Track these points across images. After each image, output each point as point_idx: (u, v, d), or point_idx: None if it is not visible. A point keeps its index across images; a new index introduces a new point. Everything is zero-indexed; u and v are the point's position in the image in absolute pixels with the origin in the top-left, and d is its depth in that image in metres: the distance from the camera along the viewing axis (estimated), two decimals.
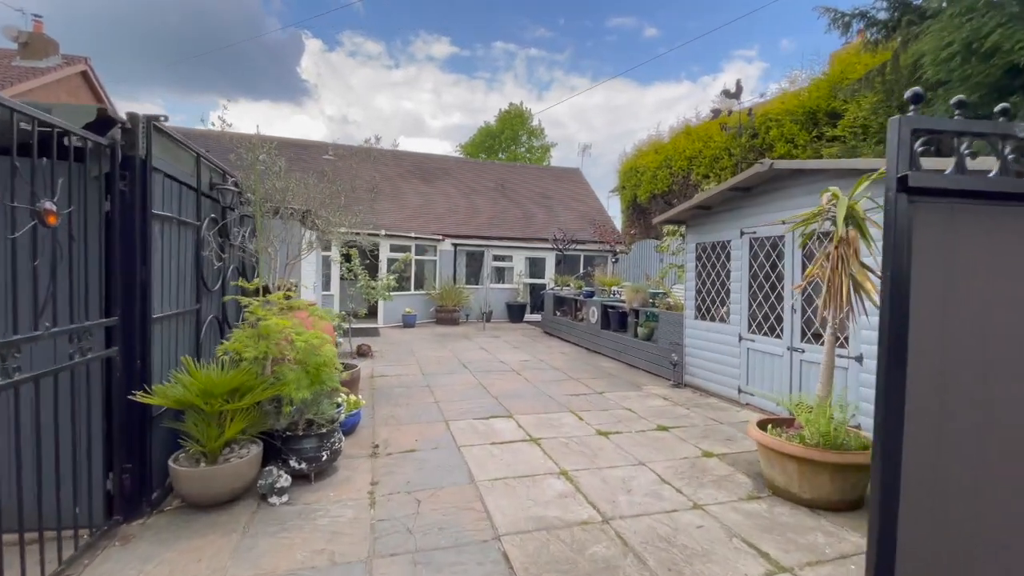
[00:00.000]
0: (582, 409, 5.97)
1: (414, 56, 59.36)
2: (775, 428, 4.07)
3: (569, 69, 56.84)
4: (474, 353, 9.66)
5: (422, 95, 61.88)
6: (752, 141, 9.93)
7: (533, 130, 34.58)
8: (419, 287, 14.71)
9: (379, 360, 8.72)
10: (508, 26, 55.40)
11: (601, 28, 53.56)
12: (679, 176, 12.63)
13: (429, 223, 16.54)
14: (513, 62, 55.14)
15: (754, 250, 6.15)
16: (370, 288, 8.72)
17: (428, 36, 58.32)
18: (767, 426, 4.17)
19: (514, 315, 15.41)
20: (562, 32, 54.79)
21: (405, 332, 12.48)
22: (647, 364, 8.22)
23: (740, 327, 6.30)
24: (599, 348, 9.87)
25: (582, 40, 54.58)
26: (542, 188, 21.20)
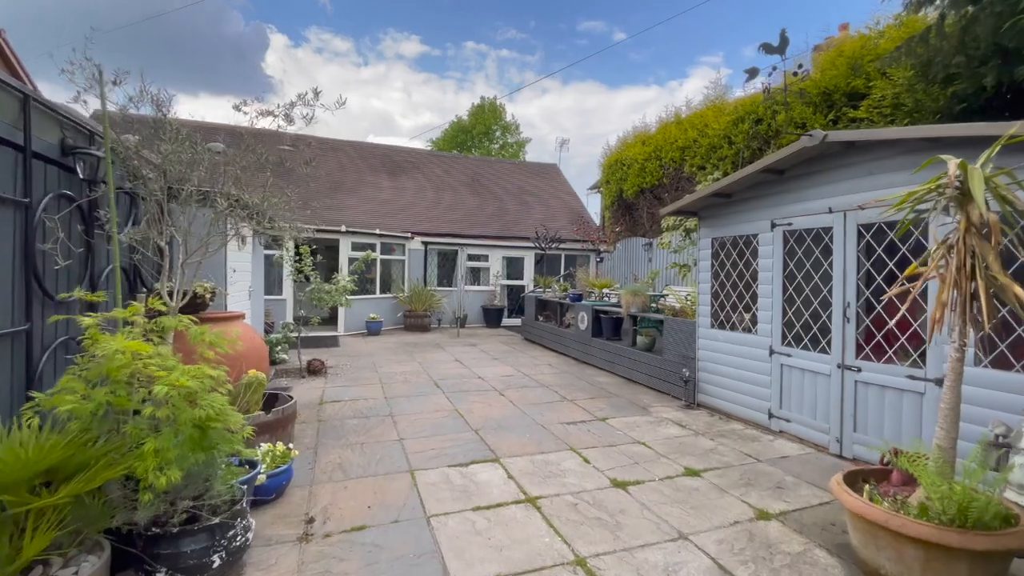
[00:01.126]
0: (586, 445, 4.76)
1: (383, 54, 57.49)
2: (870, 486, 2.94)
3: (540, 71, 56.22)
4: (447, 367, 8.34)
5: (392, 94, 60.03)
6: (756, 128, 8.99)
7: (507, 125, 33.37)
8: (385, 290, 13.27)
9: (334, 378, 7.30)
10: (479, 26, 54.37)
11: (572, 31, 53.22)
12: (670, 168, 11.64)
13: (397, 219, 15.11)
14: (484, 62, 54.12)
15: (790, 245, 5.08)
16: (322, 293, 7.31)
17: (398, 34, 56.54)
18: (857, 483, 3.05)
19: (491, 319, 14.15)
20: (533, 34, 54.23)
21: (369, 341, 11.03)
22: (650, 379, 7.09)
23: (771, 338, 5.22)
24: (590, 359, 8.71)
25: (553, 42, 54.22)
26: (518, 184, 20.02)
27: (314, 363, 7.63)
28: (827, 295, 4.66)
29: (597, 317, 8.70)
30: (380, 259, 12.92)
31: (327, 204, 14.92)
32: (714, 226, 6.05)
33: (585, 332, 8.93)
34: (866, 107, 6.86)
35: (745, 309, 5.65)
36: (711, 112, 10.61)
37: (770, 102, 8.61)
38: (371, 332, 11.91)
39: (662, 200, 12.32)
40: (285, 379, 7.18)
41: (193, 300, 4.35)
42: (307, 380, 7.16)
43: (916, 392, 3.91)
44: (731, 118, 9.58)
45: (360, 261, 8.28)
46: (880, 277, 4.21)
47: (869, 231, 4.29)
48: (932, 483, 2.58)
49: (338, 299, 7.41)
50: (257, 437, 3.79)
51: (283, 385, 6.70)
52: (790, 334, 5.06)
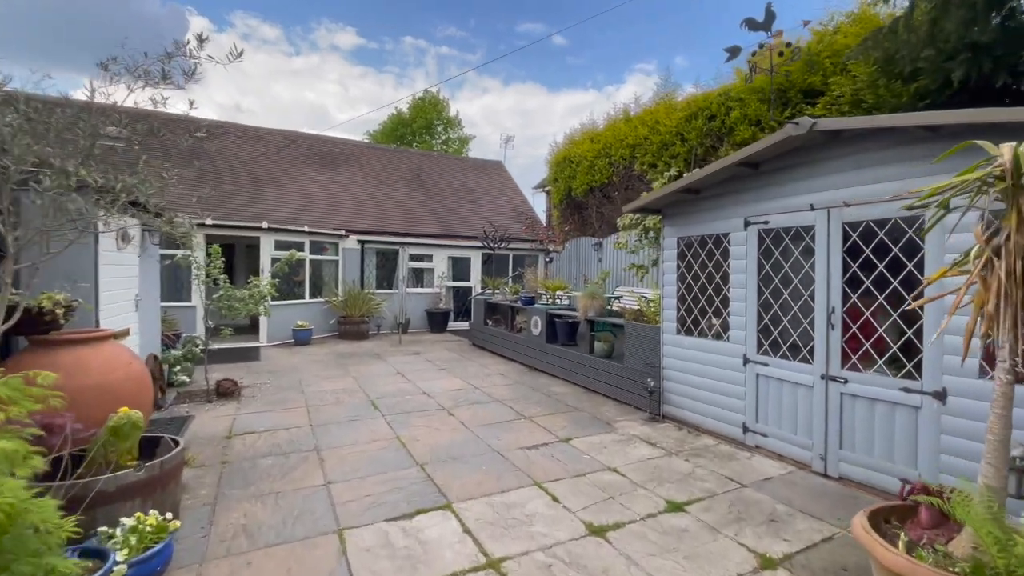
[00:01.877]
0: (551, 476, 4.09)
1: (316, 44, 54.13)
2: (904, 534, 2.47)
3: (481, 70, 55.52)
4: (388, 381, 7.42)
5: (327, 86, 56.74)
6: (709, 124, 8.78)
7: (450, 120, 32.32)
8: (316, 294, 12.01)
9: (249, 402, 6.19)
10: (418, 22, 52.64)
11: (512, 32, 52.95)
12: (620, 166, 11.31)
13: (330, 216, 13.83)
14: (424, 58, 52.48)
15: (766, 245, 4.69)
16: (233, 300, 6.16)
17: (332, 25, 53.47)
18: (880, 524, 2.58)
19: (436, 324, 13.25)
20: (474, 33, 53.35)
21: (296, 353, 9.82)
22: (610, 389, 6.58)
23: (745, 346, 4.82)
24: (545, 366, 8.10)
25: (494, 42, 53.66)
26: (462, 180, 19.19)
27: (225, 383, 6.46)
28: (808, 299, 4.29)
29: (551, 321, 8.11)
30: (310, 259, 11.66)
31: (248, 198, 13.41)
32: (680, 225, 5.60)
33: (539, 337, 8.31)
34: (823, 104, 6.74)
35: (715, 314, 5.24)
36: (662, 109, 10.37)
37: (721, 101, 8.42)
38: (299, 342, 10.67)
39: (612, 199, 11.99)
40: (187, 405, 5.99)
41: (34, 317, 3.25)
42: (215, 405, 6.00)
43: (911, 406, 3.57)
44: (683, 115, 9.35)
45: (282, 262, 7.17)
46: (868, 280, 3.86)
47: (856, 230, 3.94)
48: (987, 532, 2.13)
49: (253, 307, 6.30)
50: (124, 503, 2.80)
51: (182, 414, 5.55)
52: (767, 341, 4.68)
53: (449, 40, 52.68)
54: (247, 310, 6.23)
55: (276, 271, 7.26)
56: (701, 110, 9.01)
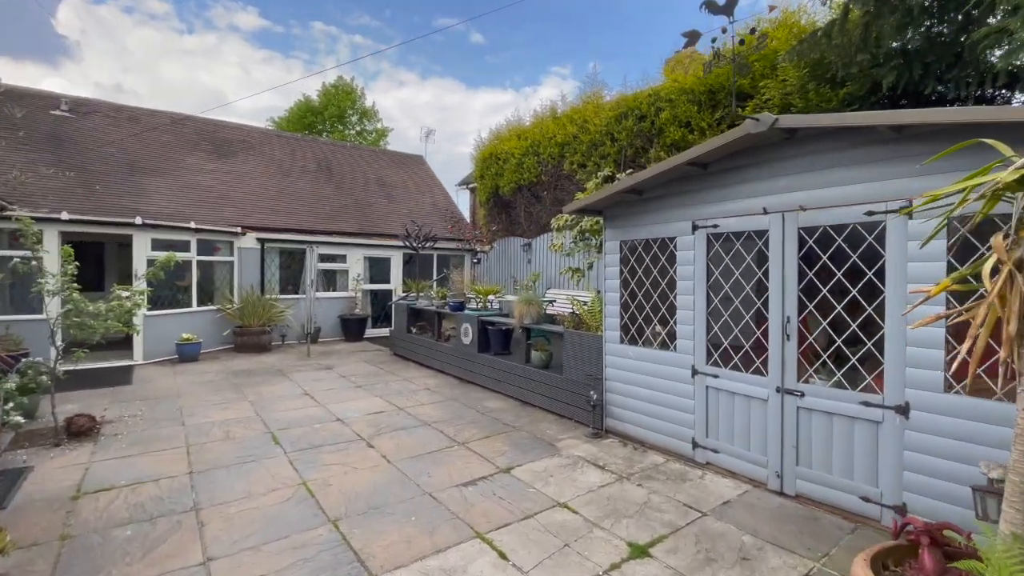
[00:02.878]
0: (495, 523, 3.48)
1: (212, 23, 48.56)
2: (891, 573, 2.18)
3: (397, 62, 53.34)
4: (293, 405, 6.37)
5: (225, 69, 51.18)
6: (640, 124, 8.65)
7: (366, 111, 30.42)
8: (206, 300, 10.37)
9: (110, 443, 4.90)
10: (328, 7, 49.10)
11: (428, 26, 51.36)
12: (549, 165, 10.95)
13: (223, 211, 12.09)
14: (335, 46, 49.12)
15: (715, 250, 4.43)
16: (85, 316, 4.80)
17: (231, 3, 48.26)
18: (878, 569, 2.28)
19: (351, 332, 12.08)
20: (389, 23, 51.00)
21: (180, 372, 8.30)
22: (549, 402, 6.11)
23: (693, 356, 4.54)
24: (477, 378, 7.47)
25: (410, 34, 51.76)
26: (379, 174, 17.94)
27: (79, 420, 5.09)
28: (762, 308, 4.07)
29: (484, 329, 7.50)
30: (197, 261, 10.02)
31: (121, 189, 11.32)
32: (623, 227, 5.24)
33: (470, 347, 7.66)
34: (752, 107, 6.78)
35: (661, 322, 4.93)
36: (591, 108, 10.15)
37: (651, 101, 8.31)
38: (185, 358, 9.08)
39: (541, 199, 11.62)
40: (26, 451, 4.59)
41: None
42: (64, 450, 4.66)
43: (872, 420, 3.42)
44: (613, 114, 9.16)
45: (156, 267, 5.85)
46: (826, 288, 3.69)
47: (812, 235, 3.75)
48: None
49: (114, 325, 4.98)
50: None
51: (17, 465, 4.22)
52: (716, 352, 4.42)
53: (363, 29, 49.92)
54: (104, 328, 4.91)
55: (149, 277, 5.91)
56: (631, 110, 8.87)
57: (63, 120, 12.54)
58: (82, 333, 4.83)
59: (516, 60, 56.31)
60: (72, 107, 13.04)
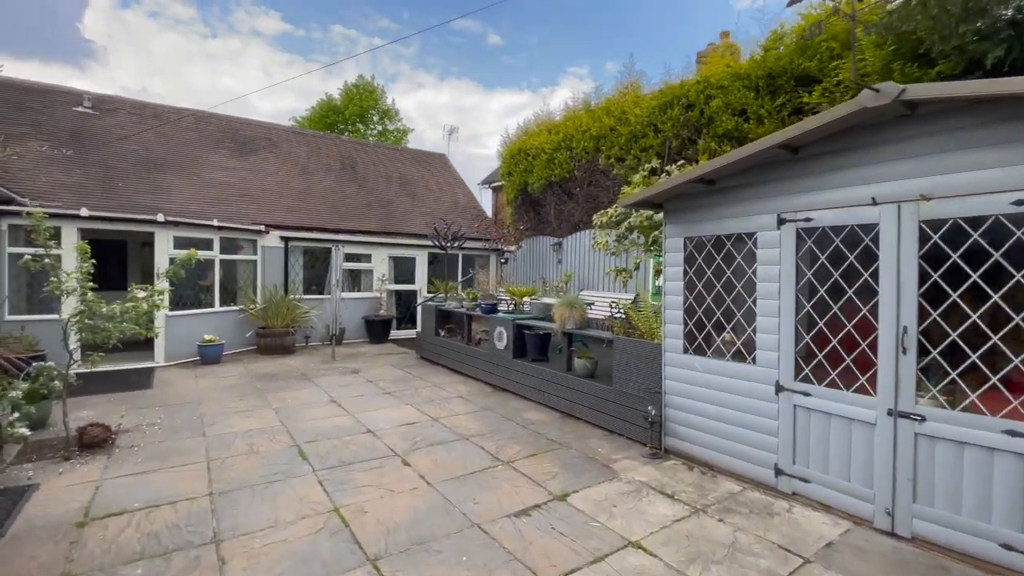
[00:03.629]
0: (560, 567, 2.95)
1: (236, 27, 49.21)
2: None
3: (416, 65, 53.28)
4: (320, 414, 5.94)
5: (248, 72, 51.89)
6: (687, 114, 8.05)
7: (387, 110, 30.22)
8: (229, 301, 10.07)
9: (125, 456, 4.51)
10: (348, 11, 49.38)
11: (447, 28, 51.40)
12: (583, 160, 10.39)
13: (246, 209, 11.82)
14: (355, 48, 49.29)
15: (807, 247, 3.83)
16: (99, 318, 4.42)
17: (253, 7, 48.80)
18: None
19: (376, 333, 11.68)
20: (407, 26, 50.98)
21: (202, 375, 7.97)
22: (595, 415, 5.57)
23: (778, 370, 3.96)
24: (513, 386, 6.95)
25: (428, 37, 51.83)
26: (401, 172, 17.59)
27: (92, 430, 4.72)
28: (869, 316, 3.47)
29: (520, 334, 6.98)
30: (220, 260, 9.72)
31: (143, 186, 11.12)
32: (688, 222, 4.67)
33: (504, 352, 7.15)
34: (820, 92, 6.14)
35: (736, 331, 4.35)
36: (630, 98, 9.57)
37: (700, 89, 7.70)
38: (207, 360, 8.76)
39: (573, 196, 11.07)
40: (34, 465, 4.23)
41: None
42: (75, 464, 4.29)
43: (1018, 453, 2.81)
44: (657, 103, 8.57)
45: (176, 265, 5.47)
46: (956, 294, 3.07)
47: (939, 230, 3.14)
48: None
49: (131, 328, 4.60)
50: None
51: (22, 483, 3.85)
52: (808, 366, 3.83)
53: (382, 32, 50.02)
54: (120, 332, 4.53)
55: (168, 276, 5.54)
56: (677, 98, 8.26)
57: (86, 117, 12.41)
58: (96, 336, 4.45)
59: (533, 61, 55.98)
60: (95, 104, 12.92)
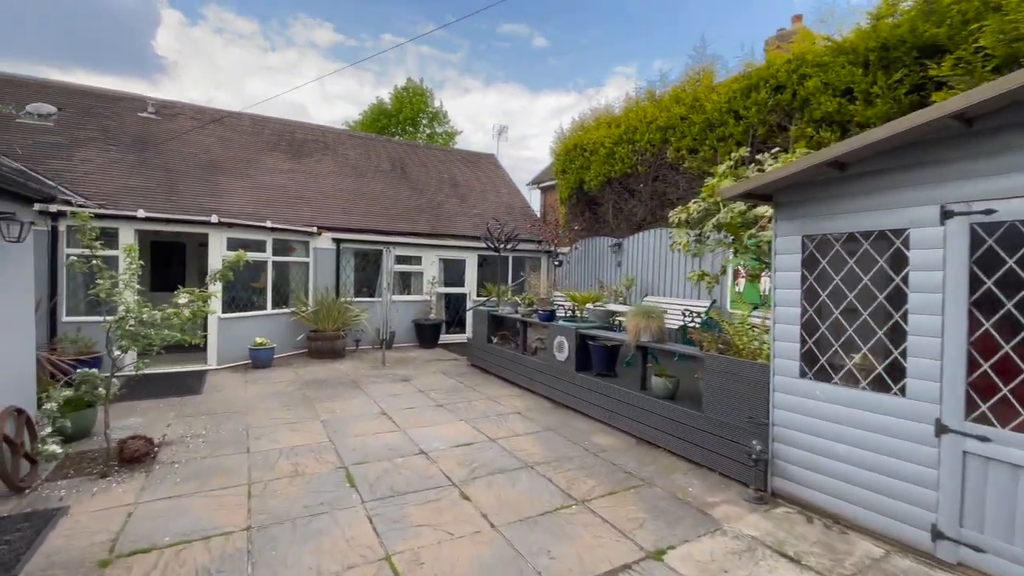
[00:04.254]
0: None
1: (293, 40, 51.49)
2: None
3: (463, 70, 53.64)
4: (369, 428, 5.48)
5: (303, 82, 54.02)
6: (775, 97, 7.10)
7: (435, 113, 30.26)
8: (281, 303, 9.94)
9: (164, 475, 4.18)
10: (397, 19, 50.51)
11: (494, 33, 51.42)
12: (647, 154, 9.56)
13: (299, 211, 11.76)
14: (404, 57, 50.32)
15: (986, 247, 2.94)
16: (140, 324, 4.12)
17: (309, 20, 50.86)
18: None
19: (425, 338, 11.29)
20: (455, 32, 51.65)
21: (252, 380, 7.76)
22: (678, 443, 4.79)
23: (941, 406, 3.07)
24: (575, 403, 6.26)
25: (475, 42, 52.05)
26: (451, 173, 17.28)
27: (133, 444, 4.43)
28: None
29: (584, 344, 6.29)
30: (273, 261, 9.59)
31: (201, 189, 11.25)
32: (807, 217, 3.83)
33: (565, 364, 6.47)
34: (952, 63, 5.08)
35: (876, 352, 3.48)
36: (705, 83, 8.69)
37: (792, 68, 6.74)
38: (258, 364, 8.59)
39: (635, 193, 10.24)
40: (68, 483, 3.95)
41: None
42: (111, 482, 3.98)
43: None
44: (739, 87, 7.65)
45: (225, 267, 5.18)
46: None
47: None
48: None
49: (172, 334, 4.28)
50: None
51: (52, 504, 3.55)
52: (987, 402, 2.93)
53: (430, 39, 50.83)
54: (161, 339, 4.21)
55: (218, 278, 5.25)
56: (764, 80, 7.32)
57: (149, 122, 12.78)
58: (136, 343, 4.14)
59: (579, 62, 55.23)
60: (158, 109, 13.31)
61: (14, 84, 11.95)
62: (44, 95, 12.01)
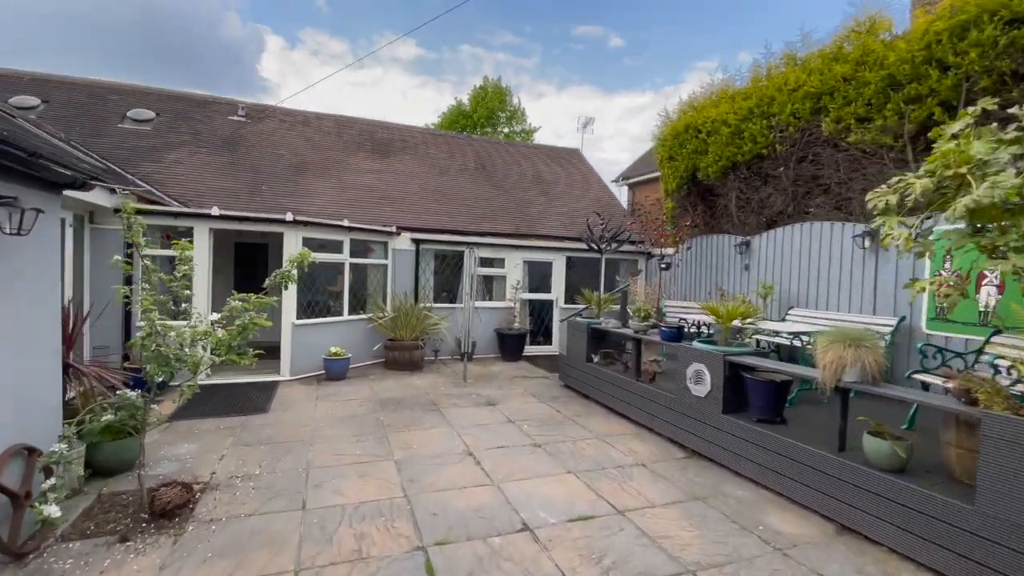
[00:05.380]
0: None
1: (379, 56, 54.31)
2: None
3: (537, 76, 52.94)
4: (452, 479, 4.25)
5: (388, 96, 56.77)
6: (1010, 32, 5.00)
7: (514, 112, 29.33)
8: (359, 308, 9.17)
9: (198, 538, 3.19)
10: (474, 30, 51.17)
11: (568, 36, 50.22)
12: (791, 129, 7.61)
13: (380, 210, 11.07)
14: (480, 66, 50.86)
15: None
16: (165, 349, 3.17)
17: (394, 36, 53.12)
18: None
19: (509, 349, 10.06)
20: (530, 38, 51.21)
21: (323, 396, 6.92)
22: (911, 540, 3.04)
23: None
24: (720, 454, 4.63)
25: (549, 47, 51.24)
26: (535, 170, 16.06)
27: (167, 493, 3.51)
28: None
29: (735, 376, 4.65)
30: (350, 264, 8.83)
31: (286, 189, 10.91)
32: None
33: (705, 401, 4.86)
34: None
35: None
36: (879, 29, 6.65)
37: None
38: (332, 375, 7.80)
39: (770, 178, 8.30)
40: (78, 547, 3.07)
41: None
42: (128, 551, 3.05)
43: None
44: (944, 27, 5.59)
45: (284, 270, 4.21)
46: None
47: None
48: None
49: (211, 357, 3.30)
50: None
51: None
52: None
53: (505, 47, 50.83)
54: (194, 363, 3.26)
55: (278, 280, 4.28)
56: (988, 13, 5.24)
57: (239, 124, 12.80)
58: (165, 369, 3.20)
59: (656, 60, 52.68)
60: (248, 112, 13.35)
61: (118, 91, 12.42)
62: (144, 101, 12.38)
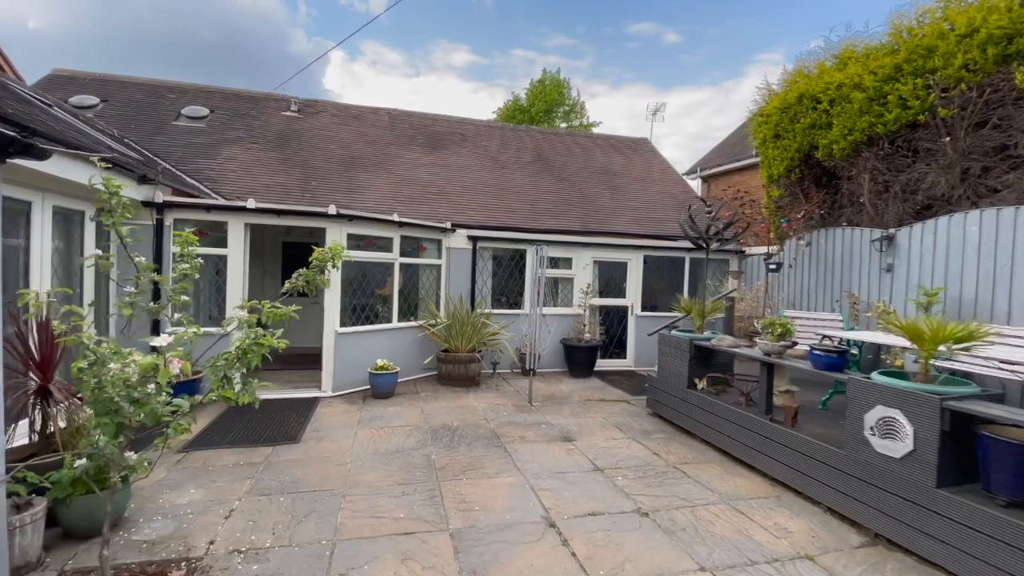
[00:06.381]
0: None
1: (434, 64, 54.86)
2: None
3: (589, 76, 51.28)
4: (527, 559, 2.96)
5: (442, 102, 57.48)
6: None
7: (573, 106, 27.87)
8: (410, 314, 8.13)
9: None
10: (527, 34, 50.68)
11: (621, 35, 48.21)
12: (963, 86, 5.75)
13: (433, 206, 10.06)
14: (532, 69, 50.14)
15: None
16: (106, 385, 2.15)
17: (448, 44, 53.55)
18: None
19: (577, 363, 8.68)
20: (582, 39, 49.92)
21: (364, 421, 5.86)
22: None
23: None
24: (932, 549, 3.04)
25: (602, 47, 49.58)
26: (601, 162, 14.59)
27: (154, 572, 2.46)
28: None
29: (956, 435, 3.05)
30: (400, 264, 7.80)
31: (337, 184, 10.15)
32: None
33: (904, 465, 3.29)
34: None
35: None
36: None
37: None
38: (378, 392, 6.75)
39: (924, 153, 6.43)
40: None
41: None
42: None
43: None
44: None
45: (316, 263, 3.13)
46: None
47: None
48: None
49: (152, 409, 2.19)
50: None
51: None
52: None
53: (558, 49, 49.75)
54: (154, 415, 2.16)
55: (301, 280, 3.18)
56: None
57: (292, 120, 12.28)
58: (106, 421, 2.13)
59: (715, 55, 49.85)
60: (301, 108, 12.83)
61: (175, 90, 12.23)
62: (199, 98, 12.12)
